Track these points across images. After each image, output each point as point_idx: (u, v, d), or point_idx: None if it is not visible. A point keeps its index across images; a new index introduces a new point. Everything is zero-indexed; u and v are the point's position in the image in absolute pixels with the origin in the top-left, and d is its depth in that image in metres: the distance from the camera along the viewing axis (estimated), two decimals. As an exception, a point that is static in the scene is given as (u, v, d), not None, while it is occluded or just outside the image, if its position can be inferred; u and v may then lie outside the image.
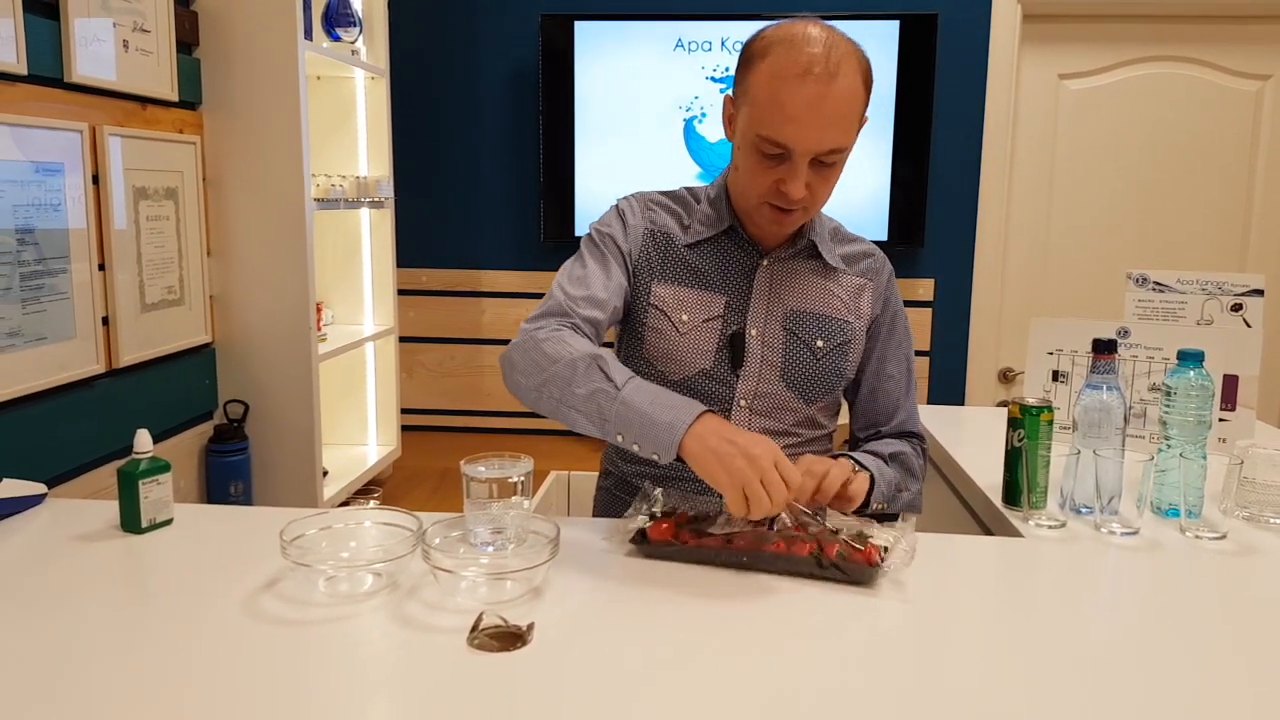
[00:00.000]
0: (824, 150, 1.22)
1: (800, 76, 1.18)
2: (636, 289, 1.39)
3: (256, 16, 2.06)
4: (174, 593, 1.12)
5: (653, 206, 1.42)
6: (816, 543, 1.12)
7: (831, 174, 1.26)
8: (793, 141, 1.21)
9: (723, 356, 1.37)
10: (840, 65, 1.19)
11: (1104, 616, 1.09)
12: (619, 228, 1.39)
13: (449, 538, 1.14)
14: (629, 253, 1.38)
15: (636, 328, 1.39)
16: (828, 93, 1.18)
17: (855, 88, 1.22)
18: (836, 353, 1.39)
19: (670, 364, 1.37)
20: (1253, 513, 1.40)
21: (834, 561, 1.10)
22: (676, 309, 1.37)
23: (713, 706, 0.87)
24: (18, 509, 1.35)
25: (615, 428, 1.17)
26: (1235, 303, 1.86)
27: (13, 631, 1.00)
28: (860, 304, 1.42)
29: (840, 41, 1.22)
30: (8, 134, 1.51)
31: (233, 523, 1.37)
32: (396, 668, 0.94)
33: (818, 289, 1.40)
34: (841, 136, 1.22)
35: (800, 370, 1.38)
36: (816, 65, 1.18)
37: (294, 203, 2.10)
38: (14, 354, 1.53)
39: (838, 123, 1.21)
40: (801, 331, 1.38)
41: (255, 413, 2.18)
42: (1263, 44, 3.04)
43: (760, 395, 1.37)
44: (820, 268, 1.40)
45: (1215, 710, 0.87)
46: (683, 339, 1.37)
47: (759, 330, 1.37)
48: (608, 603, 1.08)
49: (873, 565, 1.10)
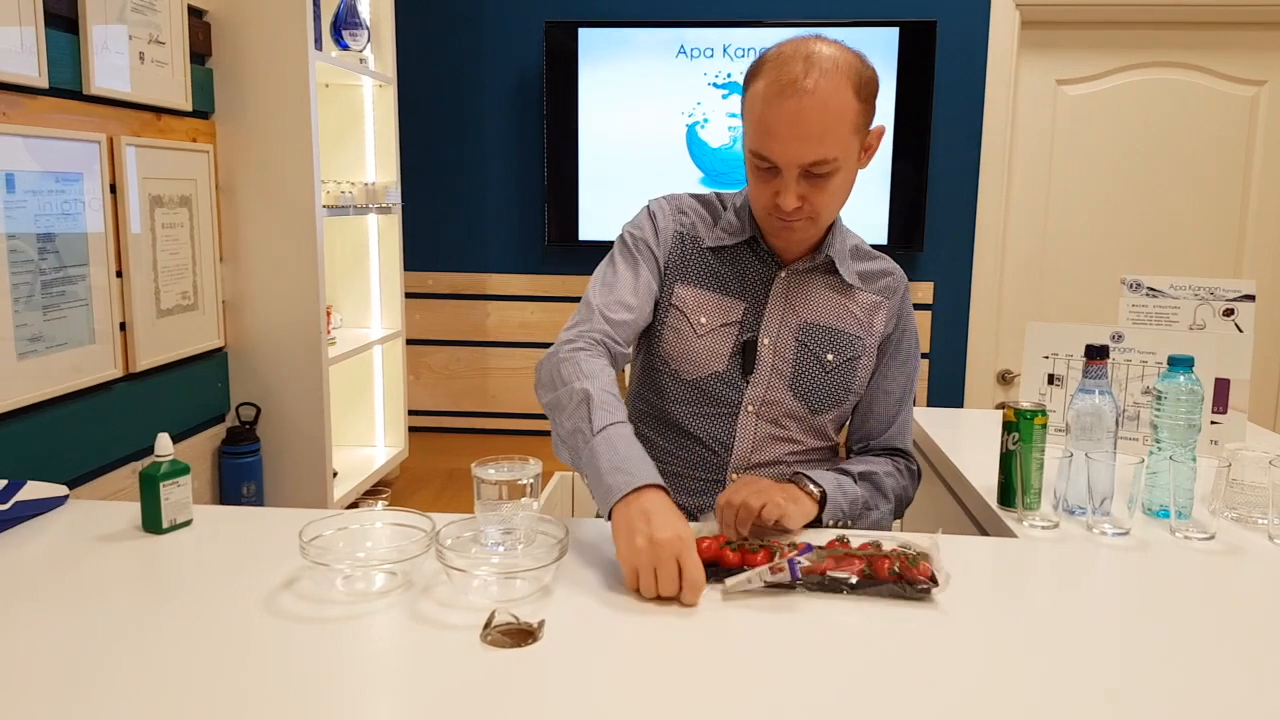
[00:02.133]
0: (808, 163, 1.25)
1: (780, 95, 1.23)
2: (662, 288, 1.43)
3: (268, 27, 2.10)
4: (196, 591, 1.16)
5: (684, 209, 1.46)
6: (867, 561, 1.14)
7: (827, 184, 1.29)
8: (776, 156, 1.26)
9: (735, 362, 1.41)
10: (821, 81, 1.22)
11: (1095, 614, 1.13)
12: (650, 229, 1.44)
13: (461, 538, 1.18)
14: (659, 254, 1.43)
15: (657, 326, 1.44)
16: (805, 108, 1.22)
17: (840, 100, 1.24)
18: (846, 367, 1.43)
19: (685, 364, 1.42)
20: (1241, 514, 1.44)
21: (894, 579, 1.12)
22: (696, 311, 1.41)
23: (722, 700, 0.91)
24: (41, 510, 1.39)
25: (581, 468, 1.24)
26: (1227, 308, 1.90)
27: (43, 627, 1.04)
28: (874, 321, 1.45)
29: (828, 58, 1.25)
30: (30, 145, 1.55)
31: (250, 524, 1.41)
32: (413, 663, 0.98)
33: (832, 303, 1.43)
34: (827, 149, 1.25)
35: (808, 381, 1.41)
36: (796, 83, 1.22)
37: (305, 209, 2.14)
38: (36, 359, 1.58)
39: (819, 136, 1.24)
40: (813, 344, 1.41)
41: (267, 415, 2.22)
42: (1258, 50, 3.08)
43: (768, 402, 1.41)
44: (836, 283, 1.44)
45: (1202, 703, 0.91)
46: (699, 341, 1.41)
47: (771, 339, 1.41)
48: (616, 601, 1.12)
49: (928, 581, 1.11)
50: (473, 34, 3.13)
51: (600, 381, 1.27)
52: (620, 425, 1.24)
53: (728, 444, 1.41)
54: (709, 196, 1.48)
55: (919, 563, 1.12)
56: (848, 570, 1.13)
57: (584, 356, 1.30)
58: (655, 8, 3.07)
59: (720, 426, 1.42)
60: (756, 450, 1.42)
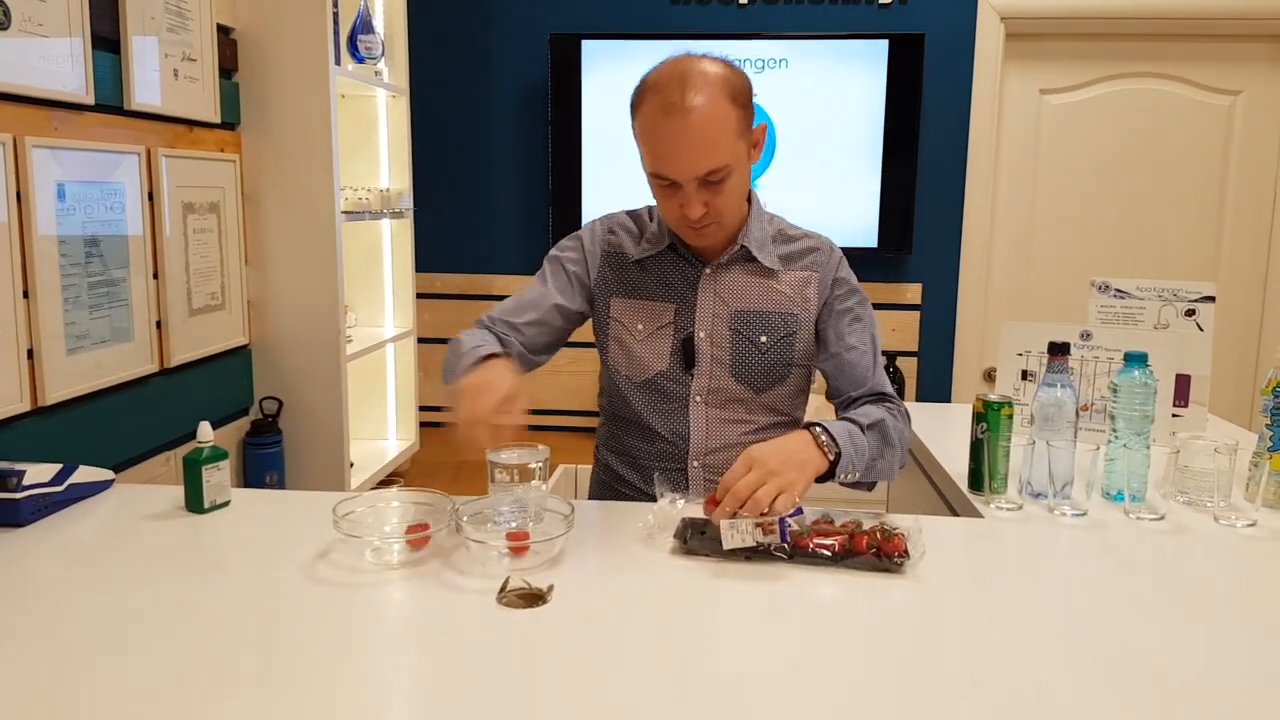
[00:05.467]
0: (702, 174, 1.35)
1: (665, 117, 1.32)
2: (598, 306, 1.56)
3: (290, 42, 2.23)
4: (241, 562, 1.29)
5: (614, 229, 1.57)
6: (848, 536, 1.25)
7: (725, 188, 1.39)
8: (672, 173, 1.36)
9: (676, 359, 1.52)
10: (698, 98, 1.31)
11: (1055, 586, 1.25)
12: (575, 251, 1.57)
13: (477, 514, 1.31)
14: (584, 275, 1.55)
15: (603, 339, 1.56)
16: (689, 126, 1.32)
17: (719, 113, 1.33)
18: (782, 344, 1.51)
19: (632, 368, 1.54)
20: (1190, 497, 1.56)
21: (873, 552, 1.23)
22: (632, 319, 1.53)
23: (711, 656, 1.03)
24: (91, 492, 1.52)
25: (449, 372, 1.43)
26: (1189, 308, 2.02)
27: (101, 595, 1.15)
28: (807, 294, 1.53)
29: (700, 74, 1.33)
30: (79, 157, 1.69)
31: (283, 505, 1.54)
32: (438, 621, 1.10)
33: (758, 288, 1.52)
34: (717, 158, 1.35)
35: (748, 364, 1.51)
36: (676, 105, 1.32)
37: (325, 215, 2.27)
38: (83, 354, 1.71)
39: (710, 149, 1.34)
40: (746, 330, 1.51)
41: (288, 409, 2.35)
42: (1233, 61, 3.20)
43: (713, 390, 1.52)
44: (758, 269, 1.52)
45: (1151, 665, 1.02)
46: (640, 346, 1.53)
47: (707, 332, 1.51)
48: (616, 570, 1.25)
49: (901, 555, 1.22)
50: (481, 46, 3.26)
51: (471, 337, 1.47)
52: (480, 344, 1.43)
53: (684, 434, 1.52)
54: (640, 212, 1.59)
55: (894, 538, 1.25)
56: (830, 541, 1.25)
57: (463, 335, 1.50)
58: (655, 21, 3.20)
59: (675, 420, 1.52)
60: (711, 436, 1.52)
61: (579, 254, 1.56)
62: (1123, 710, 0.92)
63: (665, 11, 3.19)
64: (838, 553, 1.24)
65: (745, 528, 1.22)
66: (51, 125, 1.63)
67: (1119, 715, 0.91)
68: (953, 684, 0.97)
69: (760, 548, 1.23)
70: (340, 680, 0.96)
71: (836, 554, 1.24)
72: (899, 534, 1.25)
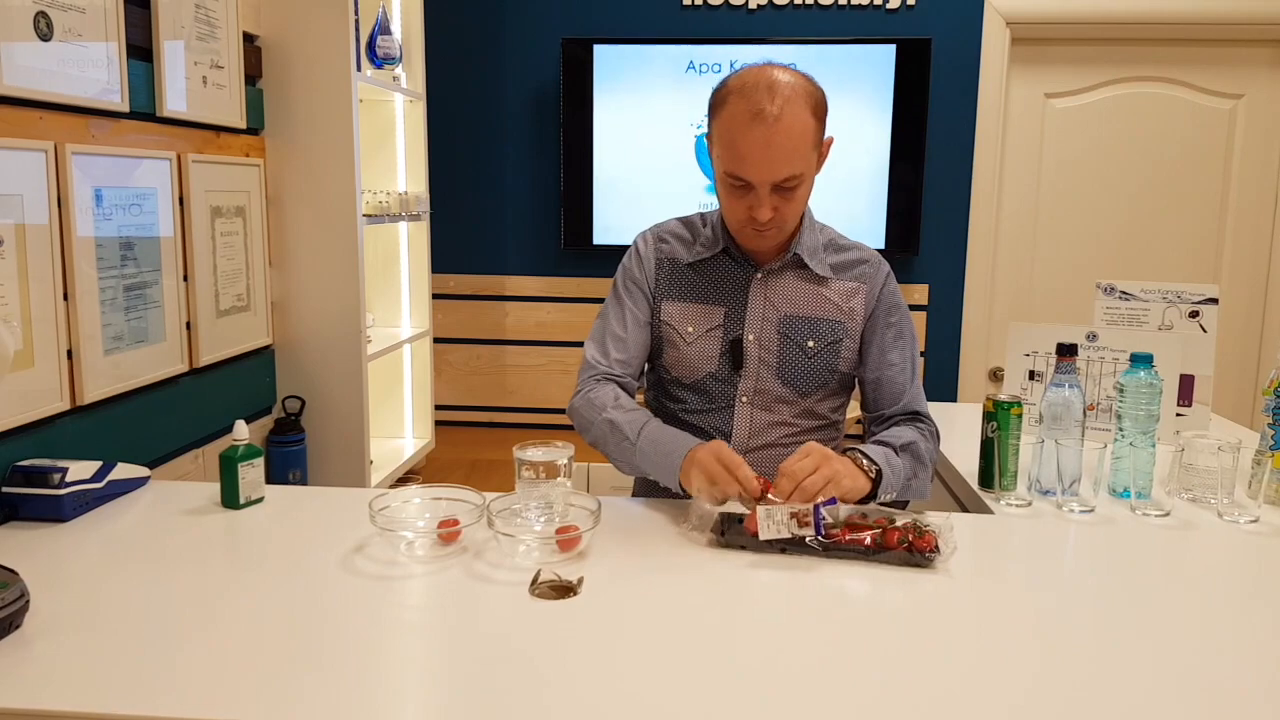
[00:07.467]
0: (779, 179, 1.42)
1: (750, 122, 1.39)
2: (654, 311, 1.61)
3: (313, 50, 2.27)
4: (279, 555, 1.34)
5: (665, 237, 1.63)
6: (880, 531, 1.30)
7: (795, 195, 1.46)
8: (750, 176, 1.42)
9: (725, 360, 1.57)
10: (785, 107, 1.38)
11: (1064, 580, 1.30)
12: (634, 264, 1.63)
13: (507, 510, 1.36)
14: (647, 284, 1.61)
15: (656, 342, 1.62)
16: (774, 133, 1.38)
17: (802, 123, 1.40)
18: (828, 350, 1.57)
19: (681, 370, 1.59)
20: (1195, 494, 1.60)
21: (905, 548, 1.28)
22: (683, 322, 1.59)
23: (740, 645, 1.08)
24: (129, 489, 1.56)
25: (646, 473, 1.50)
26: (1193, 310, 2.07)
27: (147, 586, 1.20)
28: (853, 305, 1.59)
29: (787, 84, 1.40)
30: (116, 164, 1.74)
31: (316, 500, 1.59)
32: (473, 611, 1.15)
33: (808, 294, 1.58)
34: (794, 166, 1.42)
35: (794, 368, 1.56)
36: (764, 111, 1.38)
37: (346, 218, 2.32)
38: (119, 355, 1.76)
39: (788, 156, 1.41)
40: (794, 334, 1.56)
41: (311, 408, 2.40)
42: (1236, 65, 3.24)
43: (759, 392, 1.57)
44: (809, 276, 1.58)
45: (1154, 652, 1.07)
46: (689, 348, 1.58)
47: (756, 335, 1.57)
48: (644, 563, 1.29)
49: (932, 551, 1.27)
50: (495, 52, 3.31)
51: (611, 404, 1.53)
52: (647, 425, 1.49)
53: (727, 434, 1.57)
54: (692, 219, 1.65)
55: (925, 534, 1.29)
56: (864, 535, 1.29)
57: (592, 394, 1.56)
58: (666, 26, 3.24)
59: (720, 419, 1.58)
60: (754, 436, 1.57)
61: (639, 267, 1.62)
62: (1142, 699, 0.97)
63: (676, 17, 3.24)
64: (870, 547, 1.29)
65: (781, 517, 1.27)
66: (89, 132, 1.68)
67: (1136, 703, 0.96)
68: (982, 675, 1.01)
69: (795, 539, 1.28)
70: (381, 666, 1.01)
71: (869, 548, 1.28)
72: (930, 530, 1.30)
